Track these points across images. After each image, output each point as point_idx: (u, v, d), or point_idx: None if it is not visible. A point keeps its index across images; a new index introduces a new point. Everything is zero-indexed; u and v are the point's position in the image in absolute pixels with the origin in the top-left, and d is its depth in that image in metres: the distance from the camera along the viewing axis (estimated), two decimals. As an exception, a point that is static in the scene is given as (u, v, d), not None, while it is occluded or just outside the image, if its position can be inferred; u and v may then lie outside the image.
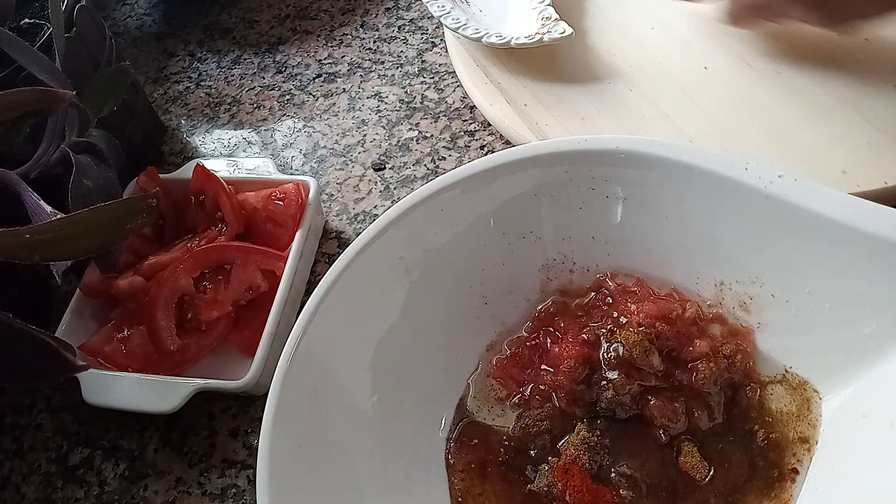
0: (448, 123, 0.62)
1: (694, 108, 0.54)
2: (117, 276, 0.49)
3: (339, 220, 0.58)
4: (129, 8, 0.82)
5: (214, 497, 0.46)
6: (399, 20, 0.72)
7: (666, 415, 0.40)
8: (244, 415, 0.49)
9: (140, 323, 0.49)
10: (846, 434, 0.38)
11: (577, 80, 0.58)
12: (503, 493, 0.40)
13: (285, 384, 0.38)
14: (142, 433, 0.49)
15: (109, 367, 0.47)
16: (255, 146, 0.65)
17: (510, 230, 0.45)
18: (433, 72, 0.66)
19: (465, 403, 0.44)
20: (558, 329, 0.45)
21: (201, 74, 0.73)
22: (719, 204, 0.40)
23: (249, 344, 0.47)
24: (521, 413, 0.43)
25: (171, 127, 0.69)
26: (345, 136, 0.63)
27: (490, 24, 0.61)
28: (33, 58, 0.47)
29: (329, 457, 0.39)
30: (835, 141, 0.50)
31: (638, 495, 0.39)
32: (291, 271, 0.49)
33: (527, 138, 0.54)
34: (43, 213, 0.42)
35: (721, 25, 0.57)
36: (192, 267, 0.49)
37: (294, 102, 0.67)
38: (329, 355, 0.40)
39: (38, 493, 0.48)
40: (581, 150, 0.42)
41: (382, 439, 0.41)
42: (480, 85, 0.58)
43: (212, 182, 0.53)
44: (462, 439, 0.43)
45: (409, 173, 0.59)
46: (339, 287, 0.41)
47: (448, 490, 0.41)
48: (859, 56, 0.55)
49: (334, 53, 0.71)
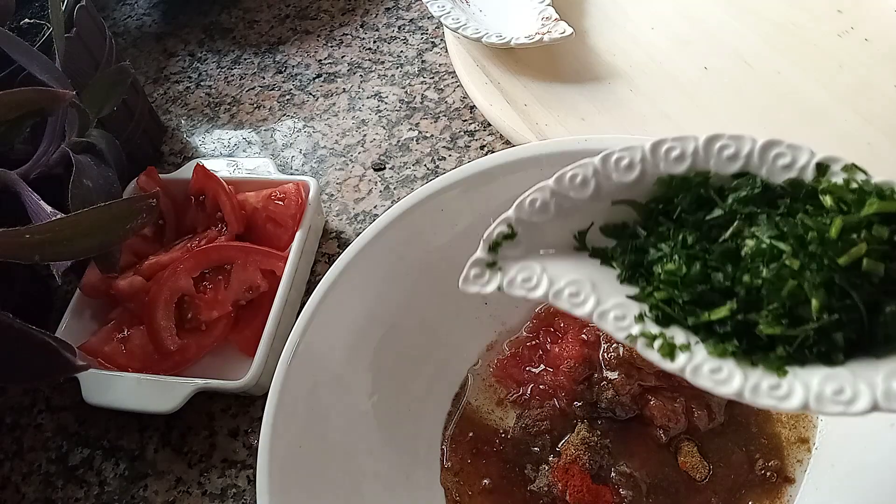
0: (448, 123, 0.62)
1: (694, 108, 0.54)
2: (117, 276, 0.49)
3: (339, 220, 0.58)
4: (129, 8, 0.82)
5: (214, 497, 0.46)
6: (399, 20, 0.72)
7: (666, 415, 0.40)
8: (244, 415, 0.49)
9: (140, 323, 0.49)
10: (846, 434, 0.38)
11: (577, 80, 0.58)
12: (503, 491, 0.40)
13: (285, 384, 0.38)
14: (142, 433, 0.49)
15: (109, 367, 0.47)
16: (255, 146, 0.65)
17: (510, 230, 0.45)
18: (433, 72, 0.66)
19: (464, 403, 0.44)
20: (558, 329, 0.45)
21: (201, 74, 0.73)
22: (719, 204, 0.40)
23: (249, 344, 0.47)
24: (521, 413, 0.43)
25: (171, 127, 0.69)
26: (345, 136, 0.63)
27: (490, 24, 0.61)
28: (33, 58, 0.47)
29: (329, 457, 0.39)
30: (835, 141, 0.50)
31: (638, 495, 0.39)
32: (291, 271, 0.49)
33: (527, 138, 0.54)
34: (43, 213, 0.42)
35: (720, 25, 0.58)
36: (192, 267, 0.49)
37: (294, 102, 0.67)
38: (329, 355, 0.40)
39: (38, 493, 0.48)
40: (581, 150, 0.42)
41: (382, 439, 0.41)
42: (480, 85, 0.58)
43: (212, 182, 0.53)
44: (460, 439, 0.43)
45: (409, 173, 0.59)
46: (339, 287, 0.41)
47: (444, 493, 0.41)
48: (859, 56, 0.55)
49: (334, 53, 0.71)
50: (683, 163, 0.30)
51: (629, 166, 0.30)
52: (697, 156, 0.30)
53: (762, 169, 0.29)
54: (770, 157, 0.29)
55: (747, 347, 0.26)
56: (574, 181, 0.31)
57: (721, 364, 0.26)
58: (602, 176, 0.31)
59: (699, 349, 0.27)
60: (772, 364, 0.26)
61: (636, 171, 0.30)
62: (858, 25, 0.56)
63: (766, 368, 0.26)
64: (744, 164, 0.29)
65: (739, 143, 0.30)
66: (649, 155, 0.30)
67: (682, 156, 0.30)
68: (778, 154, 0.29)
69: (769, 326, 0.26)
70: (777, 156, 0.29)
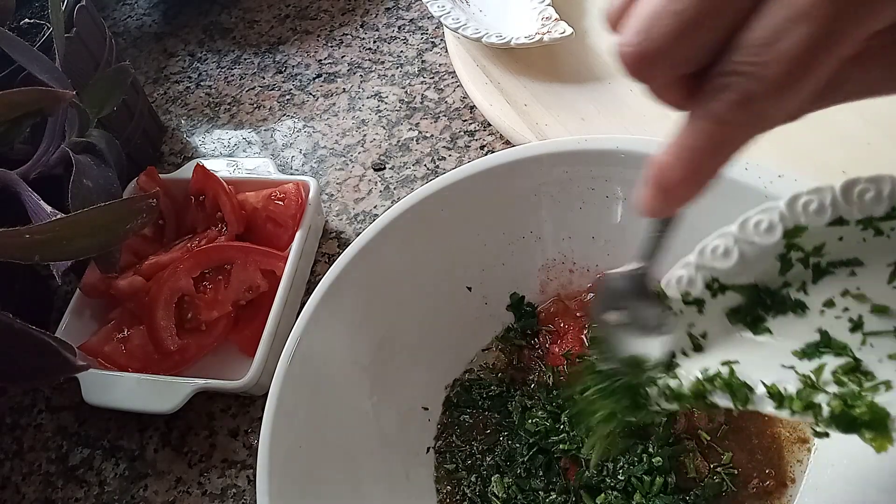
0: (448, 123, 0.62)
1: (694, 108, 0.54)
2: (117, 276, 0.49)
3: (339, 220, 0.58)
4: (129, 8, 0.82)
5: (214, 497, 0.46)
6: (399, 20, 0.72)
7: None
8: (244, 415, 0.49)
9: (140, 323, 0.49)
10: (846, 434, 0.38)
11: (577, 80, 0.58)
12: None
13: (285, 384, 0.38)
14: (142, 433, 0.49)
15: (109, 367, 0.47)
16: (255, 146, 0.65)
17: (510, 230, 0.45)
18: (433, 72, 0.66)
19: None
20: (558, 329, 0.45)
21: (201, 74, 0.73)
22: (719, 204, 0.40)
23: (249, 344, 0.47)
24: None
25: (171, 127, 0.69)
26: (345, 136, 0.63)
27: (490, 24, 0.61)
28: (33, 58, 0.47)
29: (329, 457, 0.39)
30: (835, 141, 0.50)
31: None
32: (291, 271, 0.49)
33: (527, 138, 0.54)
34: (43, 213, 0.42)
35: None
36: (192, 267, 0.49)
37: (294, 102, 0.67)
38: (329, 355, 0.40)
39: (38, 493, 0.48)
40: (581, 150, 0.42)
41: (382, 439, 0.41)
42: (480, 85, 0.58)
43: (212, 182, 0.53)
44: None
45: (409, 173, 0.59)
46: (339, 287, 0.41)
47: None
48: (859, 56, 0.54)
49: (334, 53, 0.71)
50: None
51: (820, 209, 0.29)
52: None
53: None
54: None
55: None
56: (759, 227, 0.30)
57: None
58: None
59: None
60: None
61: (827, 213, 0.28)
62: (858, 25, 0.56)
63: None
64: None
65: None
66: (840, 196, 0.28)
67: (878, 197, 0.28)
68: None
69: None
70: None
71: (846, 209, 0.28)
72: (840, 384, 0.27)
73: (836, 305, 0.29)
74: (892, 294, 0.28)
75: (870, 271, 0.29)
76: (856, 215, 0.28)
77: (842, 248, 0.30)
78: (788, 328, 0.30)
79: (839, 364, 0.28)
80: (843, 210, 0.28)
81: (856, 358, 0.28)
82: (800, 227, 0.29)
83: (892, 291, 0.28)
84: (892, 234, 0.29)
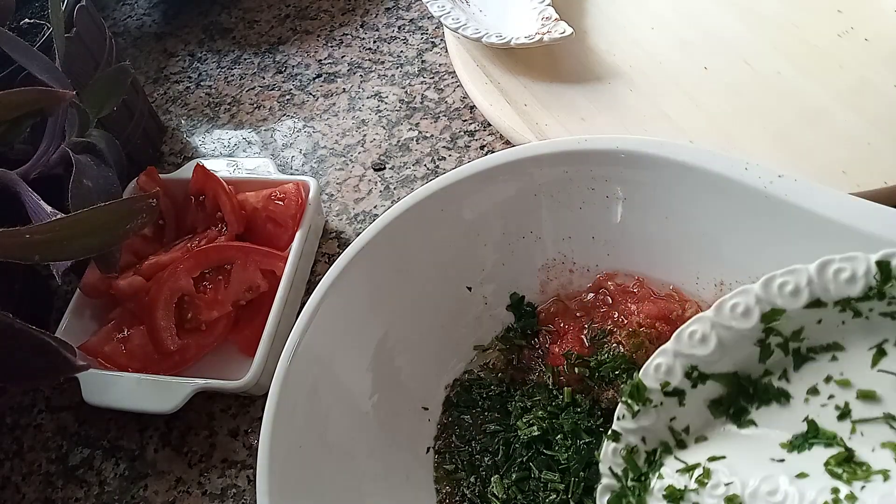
0: (448, 123, 0.62)
1: (694, 108, 0.54)
2: (117, 276, 0.49)
3: (339, 220, 0.58)
4: (129, 8, 0.82)
5: (214, 497, 0.46)
6: (399, 20, 0.72)
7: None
8: (244, 415, 0.49)
9: (140, 323, 0.49)
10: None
11: (577, 80, 0.58)
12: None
13: (285, 384, 0.38)
14: (142, 433, 0.49)
15: (109, 367, 0.47)
16: (255, 146, 0.65)
17: (510, 230, 0.45)
18: (433, 72, 0.66)
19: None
20: (558, 329, 0.45)
21: (201, 74, 0.73)
22: (719, 204, 0.40)
23: (249, 344, 0.47)
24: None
25: (171, 127, 0.69)
26: (345, 136, 0.63)
27: (490, 24, 0.61)
28: (33, 58, 0.47)
29: (329, 457, 0.39)
30: (835, 141, 0.50)
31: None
32: (291, 271, 0.49)
33: (527, 138, 0.54)
34: (43, 213, 0.42)
35: (721, 25, 0.57)
36: (192, 267, 0.49)
37: (294, 102, 0.67)
38: (329, 355, 0.40)
39: (38, 493, 0.48)
40: (581, 150, 0.42)
41: (382, 439, 0.41)
42: (480, 85, 0.58)
43: (212, 182, 0.53)
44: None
45: (409, 173, 0.59)
46: (340, 287, 0.41)
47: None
48: (859, 56, 0.55)
49: (334, 53, 0.71)
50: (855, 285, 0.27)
51: (795, 291, 0.28)
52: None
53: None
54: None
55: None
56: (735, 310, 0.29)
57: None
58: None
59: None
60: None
61: (804, 295, 0.28)
62: (858, 25, 0.56)
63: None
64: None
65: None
66: (816, 276, 0.28)
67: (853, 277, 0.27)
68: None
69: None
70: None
71: (822, 290, 0.28)
72: (835, 476, 0.26)
73: (820, 393, 0.28)
74: (877, 378, 0.27)
75: (851, 355, 0.28)
76: (833, 296, 0.28)
77: (821, 331, 0.29)
78: (773, 419, 0.29)
79: (831, 455, 0.27)
80: (820, 291, 0.28)
81: (847, 448, 0.27)
82: (777, 310, 0.29)
83: (877, 375, 0.27)
84: (871, 315, 0.28)
